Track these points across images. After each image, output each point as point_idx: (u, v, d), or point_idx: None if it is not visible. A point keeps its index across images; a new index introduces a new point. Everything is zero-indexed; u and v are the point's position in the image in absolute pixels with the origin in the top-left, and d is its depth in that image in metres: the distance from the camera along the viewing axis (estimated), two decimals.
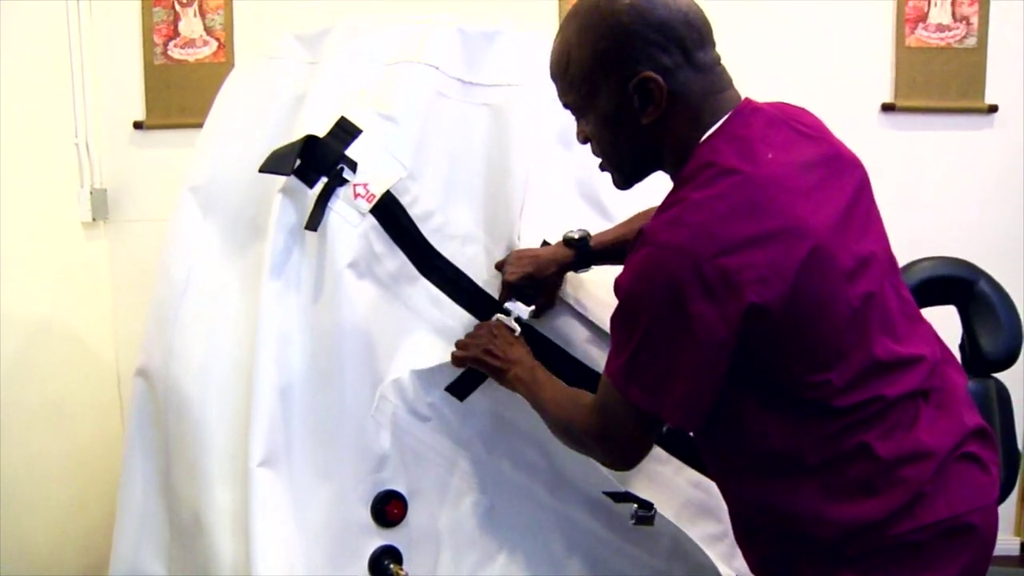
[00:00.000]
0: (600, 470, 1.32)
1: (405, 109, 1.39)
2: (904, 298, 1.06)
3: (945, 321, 1.13)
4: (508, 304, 1.35)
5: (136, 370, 1.47)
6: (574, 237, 1.34)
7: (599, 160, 1.11)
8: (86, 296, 2.38)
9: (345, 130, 1.36)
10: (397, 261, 1.35)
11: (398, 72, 1.41)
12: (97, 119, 2.39)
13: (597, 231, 1.36)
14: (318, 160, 1.33)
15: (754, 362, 0.97)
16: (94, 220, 2.38)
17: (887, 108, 2.37)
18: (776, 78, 2.26)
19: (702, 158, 0.98)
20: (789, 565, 1.03)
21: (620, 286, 0.98)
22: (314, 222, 1.30)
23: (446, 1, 2.27)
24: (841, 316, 0.96)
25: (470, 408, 1.37)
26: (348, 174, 1.34)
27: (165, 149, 2.38)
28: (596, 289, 1.39)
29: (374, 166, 1.35)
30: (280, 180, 1.35)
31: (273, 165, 1.34)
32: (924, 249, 1.83)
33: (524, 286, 1.34)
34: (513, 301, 1.34)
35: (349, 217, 1.33)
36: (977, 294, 1.81)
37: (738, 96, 1.04)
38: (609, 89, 1.01)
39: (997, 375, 1.79)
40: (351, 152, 1.35)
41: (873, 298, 0.99)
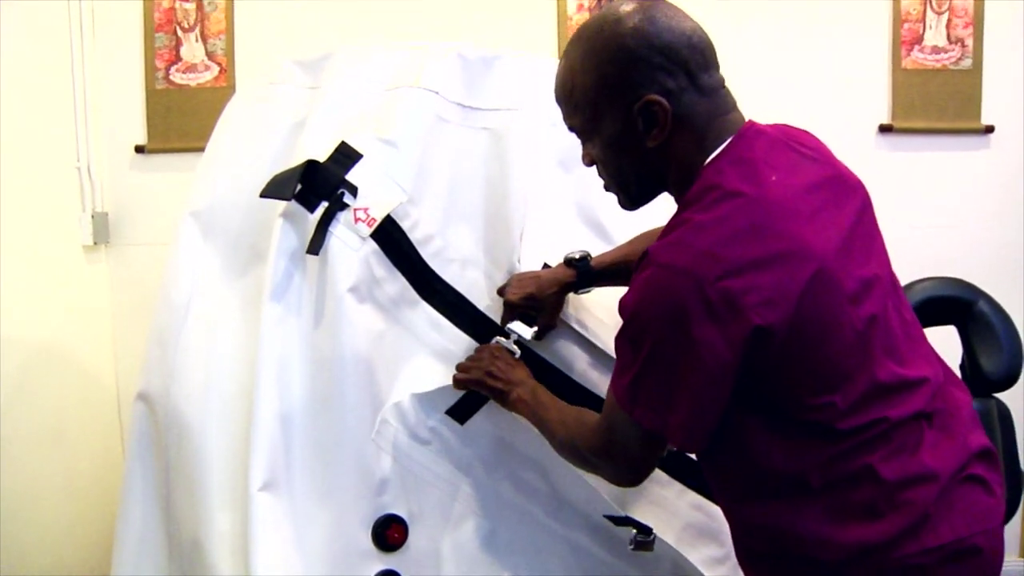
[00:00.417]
0: (601, 493, 1.33)
1: (405, 134, 1.40)
2: (907, 319, 1.06)
3: (945, 342, 1.12)
4: (510, 325, 1.35)
5: (137, 394, 1.47)
6: (575, 258, 1.35)
7: (604, 182, 1.12)
8: (87, 320, 2.37)
9: (346, 155, 1.37)
10: (398, 285, 1.36)
11: (398, 97, 1.43)
12: (99, 143, 2.40)
13: (598, 253, 1.37)
14: (319, 185, 1.34)
15: (758, 384, 0.97)
16: (95, 244, 2.38)
17: (885, 129, 2.38)
18: (774, 100, 2.26)
19: (706, 180, 0.99)
20: None
21: (625, 306, 0.99)
22: (315, 246, 1.31)
23: (446, 26, 2.33)
24: (845, 338, 0.96)
25: (471, 431, 1.37)
26: (349, 199, 1.35)
27: (166, 173, 2.38)
28: (597, 310, 1.40)
29: (374, 191, 1.36)
30: (281, 205, 1.36)
31: (274, 190, 1.35)
32: (923, 269, 1.84)
33: (526, 306, 1.34)
34: (515, 322, 1.35)
35: (350, 241, 1.33)
36: (976, 314, 1.82)
37: (742, 118, 1.05)
38: (614, 112, 1.02)
39: (998, 395, 1.79)
40: (352, 177, 1.36)
41: (876, 320, 0.99)
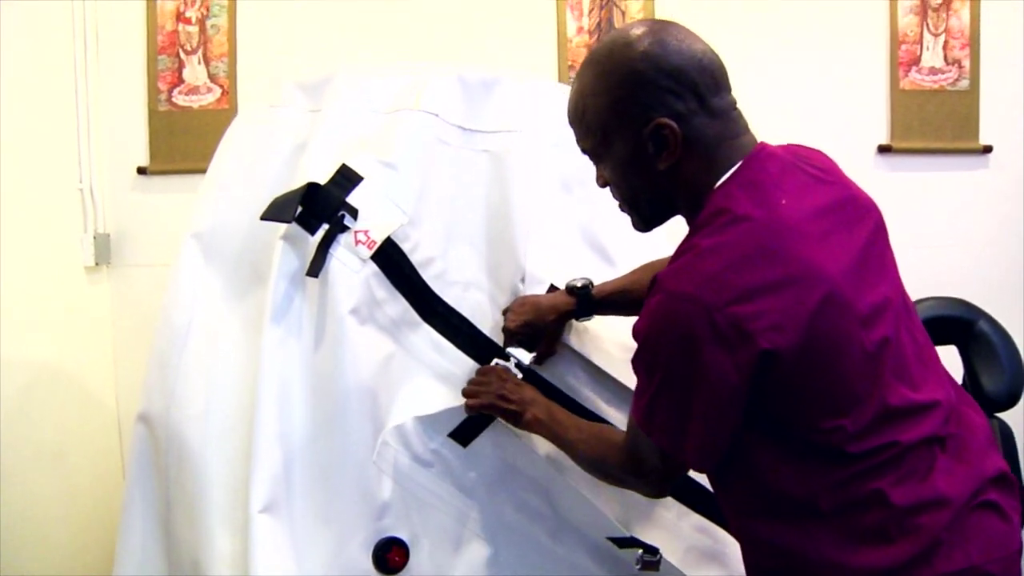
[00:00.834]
0: (605, 515, 1.33)
1: (406, 156, 1.41)
2: (920, 342, 1.06)
3: (946, 362, 1.12)
4: (510, 350, 1.35)
5: (137, 416, 1.47)
6: (576, 285, 1.35)
7: (617, 203, 1.12)
8: (88, 341, 2.37)
9: (346, 177, 1.38)
10: (399, 307, 1.36)
11: (399, 120, 1.44)
12: (101, 164, 2.41)
13: (601, 277, 1.37)
14: (319, 207, 1.35)
15: (768, 406, 0.97)
16: (97, 264, 2.38)
17: (883, 150, 2.39)
18: (772, 121, 2.26)
19: (715, 204, 0.99)
20: None
21: (637, 331, 1.00)
22: (315, 268, 1.31)
23: (446, 48, 2.35)
24: (855, 363, 0.96)
25: (473, 454, 1.36)
26: (349, 221, 1.35)
27: (168, 195, 2.39)
28: (599, 341, 1.40)
29: (375, 213, 1.37)
30: (282, 227, 1.36)
31: (275, 212, 1.35)
32: (923, 289, 1.84)
33: (523, 333, 1.34)
34: (515, 347, 1.35)
35: (350, 263, 1.34)
36: (977, 334, 1.82)
37: (754, 140, 1.05)
38: (624, 135, 1.02)
39: (1000, 415, 1.78)
40: (352, 199, 1.36)
41: (888, 344, 0.98)
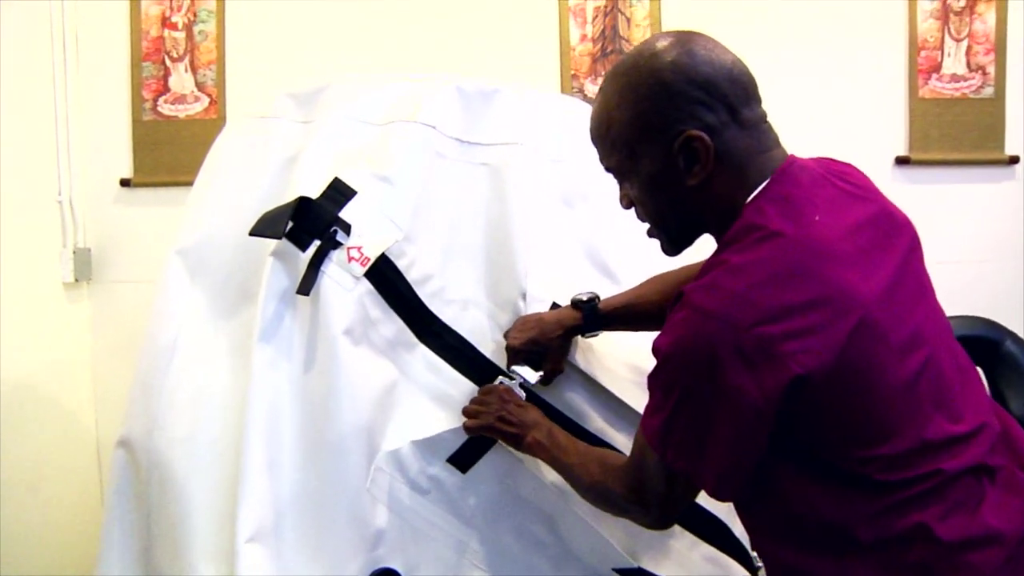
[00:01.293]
0: (612, 544, 1.34)
1: (401, 170, 1.43)
2: (962, 366, 1.05)
3: None
4: (515, 368, 1.37)
5: (118, 440, 1.48)
6: (582, 299, 1.36)
7: (646, 226, 1.12)
8: (66, 361, 2.39)
9: (339, 191, 1.40)
10: (394, 327, 1.38)
11: (394, 132, 1.46)
12: (82, 176, 2.43)
13: (604, 294, 1.39)
14: (311, 222, 1.37)
15: (797, 434, 0.96)
16: (76, 281, 2.41)
17: (901, 161, 2.40)
18: (786, 132, 2.30)
19: (746, 220, 0.99)
20: None
21: (657, 348, 0.99)
22: (306, 286, 1.33)
23: (444, 57, 2.38)
24: (891, 390, 0.95)
25: (472, 480, 1.38)
26: (342, 237, 1.37)
27: (153, 208, 2.42)
28: (604, 360, 1.41)
29: (369, 228, 1.39)
30: (271, 243, 1.38)
31: (264, 228, 1.36)
32: (945, 309, 1.85)
33: (528, 351, 1.35)
34: (520, 366, 1.36)
35: (343, 281, 1.36)
36: (1004, 355, 1.83)
37: (784, 153, 1.05)
38: (652, 150, 1.03)
39: None
40: (345, 214, 1.39)
41: (926, 370, 0.98)
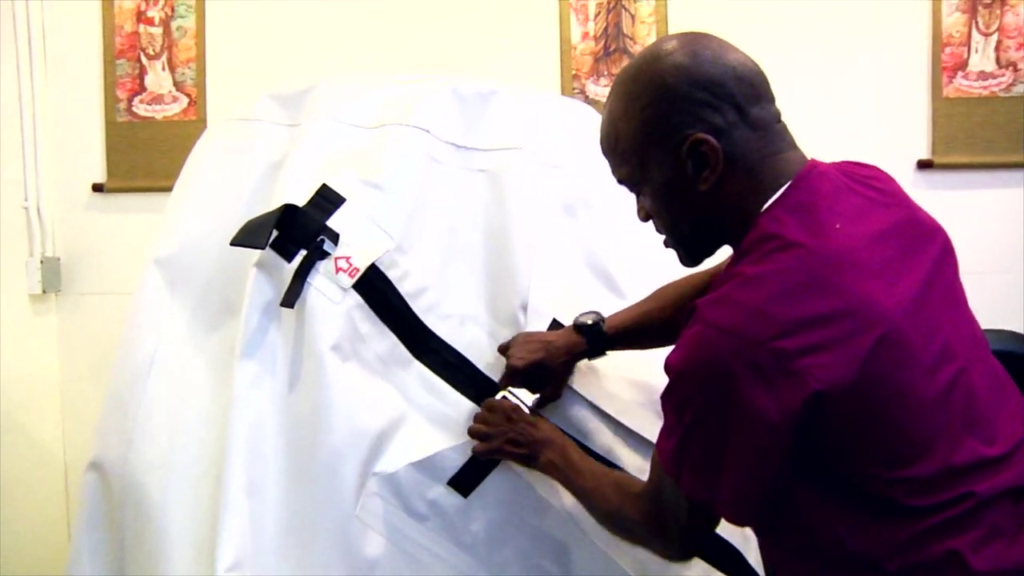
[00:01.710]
0: (623, 572, 1.34)
1: (393, 176, 1.44)
2: (998, 382, 1.05)
3: None
4: (512, 390, 1.38)
5: (89, 463, 1.49)
6: (586, 323, 1.36)
7: (663, 238, 1.14)
8: (32, 378, 2.39)
9: (327, 199, 1.42)
10: (387, 342, 1.39)
11: (385, 136, 1.47)
12: (51, 180, 2.44)
13: (607, 306, 1.40)
14: (297, 231, 1.38)
15: (819, 455, 0.96)
16: (44, 292, 2.41)
17: (923, 165, 2.40)
18: (799, 134, 2.29)
19: (762, 230, 1.00)
20: None
21: (669, 366, 1.00)
22: (292, 299, 1.34)
23: (438, 57, 2.38)
24: (919, 408, 0.95)
25: (474, 505, 1.38)
26: (330, 246, 1.39)
27: (128, 215, 2.42)
28: (608, 382, 1.42)
29: (358, 237, 1.40)
30: (255, 253, 1.39)
31: (247, 237, 1.37)
32: None
33: (532, 374, 1.36)
34: (517, 387, 1.37)
35: (330, 293, 1.37)
36: None
37: (803, 157, 1.06)
38: (661, 157, 1.05)
39: None
40: (333, 223, 1.40)
41: (956, 387, 0.98)
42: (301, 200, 1.41)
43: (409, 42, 2.40)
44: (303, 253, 1.38)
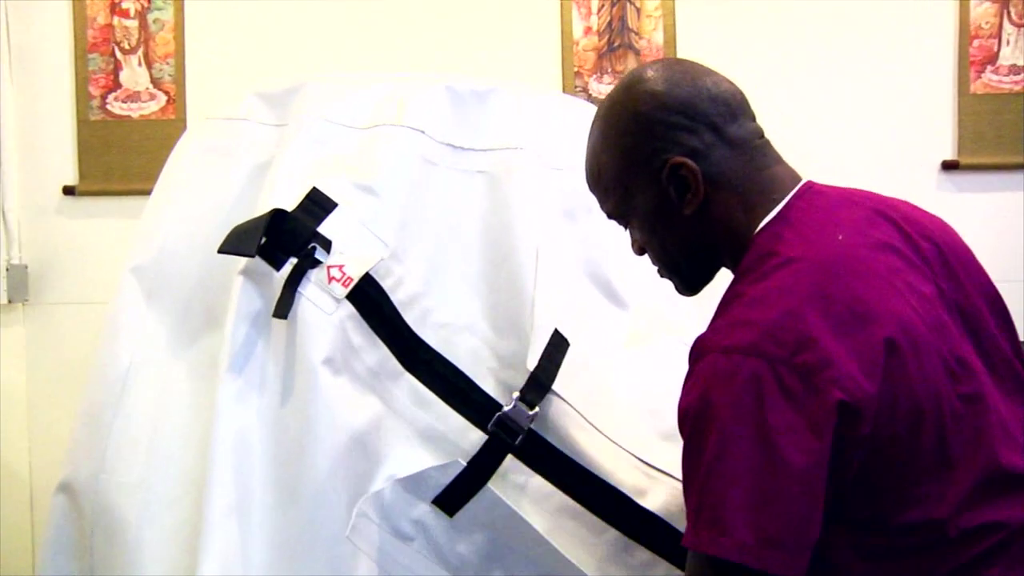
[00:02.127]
0: None
1: (387, 179, 1.45)
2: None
3: None
4: (511, 407, 1.37)
5: (58, 485, 1.49)
6: None
7: (657, 269, 1.19)
8: None
9: (317, 203, 1.42)
10: (378, 354, 1.39)
11: (378, 137, 1.48)
12: (18, 183, 2.44)
13: (608, 318, 1.42)
14: (286, 238, 1.39)
15: (847, 483, 0.96)
16: (10, 302, 2.41)
17: (949, 167, 2.40)
18: (814, 138, 2.31)
19: (761, 247, 1.04)
20: None
21: (684, 409, 0.98)
22: (282, 310, 1.35)
23: (433, 52, 2.39)
24: (940, 421, 0.97)
25: (461, 525, 1.39)
26: (321, 254, 1.39)
27: (101, 219, 2.43)
28: (602, 398, 1.42)
29: (351, 245, 1.41)
30: (240, 261, 1.40)
31: (234, 244, 1.38)
32: None
33: None
34: (515, 403, 1.37)
35: (323, 304, 1.37)
36: None
37: (792, 173, 1.12)
38: (644, 186, 1.11)
39: None
40: (324, 229, 1.40)
41: (983, 398, 1.00)
42: (290, 205, 1.42)
43: (402, 37, 2.42)
44: (293, 261, 1.38)
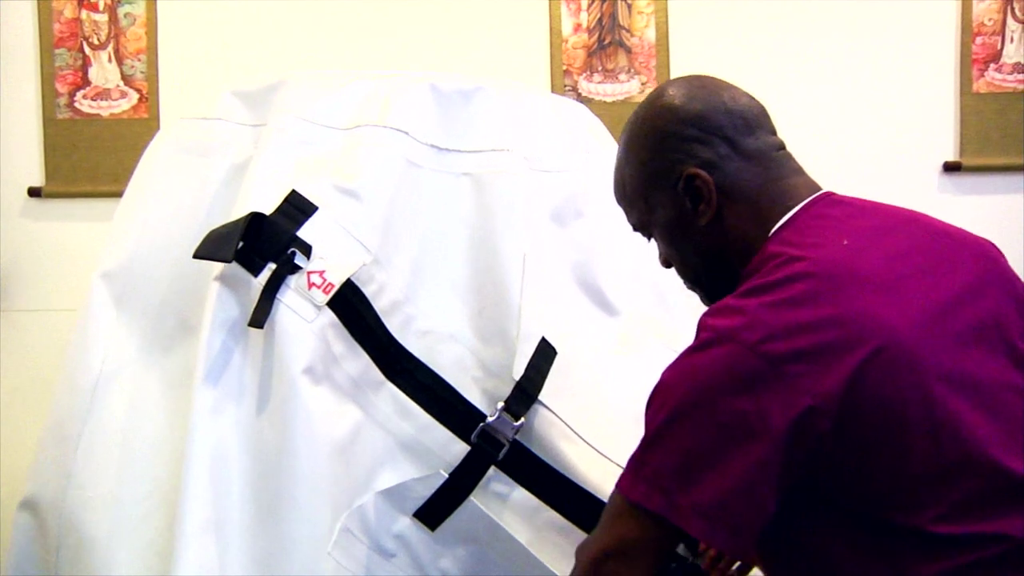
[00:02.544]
0: None
1: (369, 182, 1.46)
2: None
3: None
4: (495, 417, 1.40)
5: (21, 502, 1.50)
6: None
7: (683, 280, 1.27)
8: None
9: (297, 207, 1.44)
10: (360, 363, 1.41)
11: (360, 137, 1.50)
12: None
13: (597, 324, 1.45)
14: (265, 242, 1.40)
15: (822, 480, 1.02)
16: None
17: (951, 168, 2.42)
18: (812, 139, 2.32)
19: (768, 250, 1.11)
20: None
21: (663, 379, 1.08)
22: (260, 318, 1.35)
23: (417, 50, 2.39)
24: (931, 430, 1.00)
25: (442, 539, 1.41)
26: (301, 260, 1.40)
27: (70, 223, 2.43)
28: (590, 409, 1.45)
29: (332, 250, 1.42)
30: (216, 267, 1.41)
31: (210, 249, 1.39)
32: None
33: None
34: (499, 414, 1.39)
35: (302, 311, 1.38)
36: None
37: (810, 183, 1.18)
38: (663, 198, 1.20)
39: None
40: (304, 233, 1.42)
41: (985, 409, 1.03)
42: (268, 208, 1.42)
43: (386, 33, 2.43)
44: (272, 267, 1.39)
